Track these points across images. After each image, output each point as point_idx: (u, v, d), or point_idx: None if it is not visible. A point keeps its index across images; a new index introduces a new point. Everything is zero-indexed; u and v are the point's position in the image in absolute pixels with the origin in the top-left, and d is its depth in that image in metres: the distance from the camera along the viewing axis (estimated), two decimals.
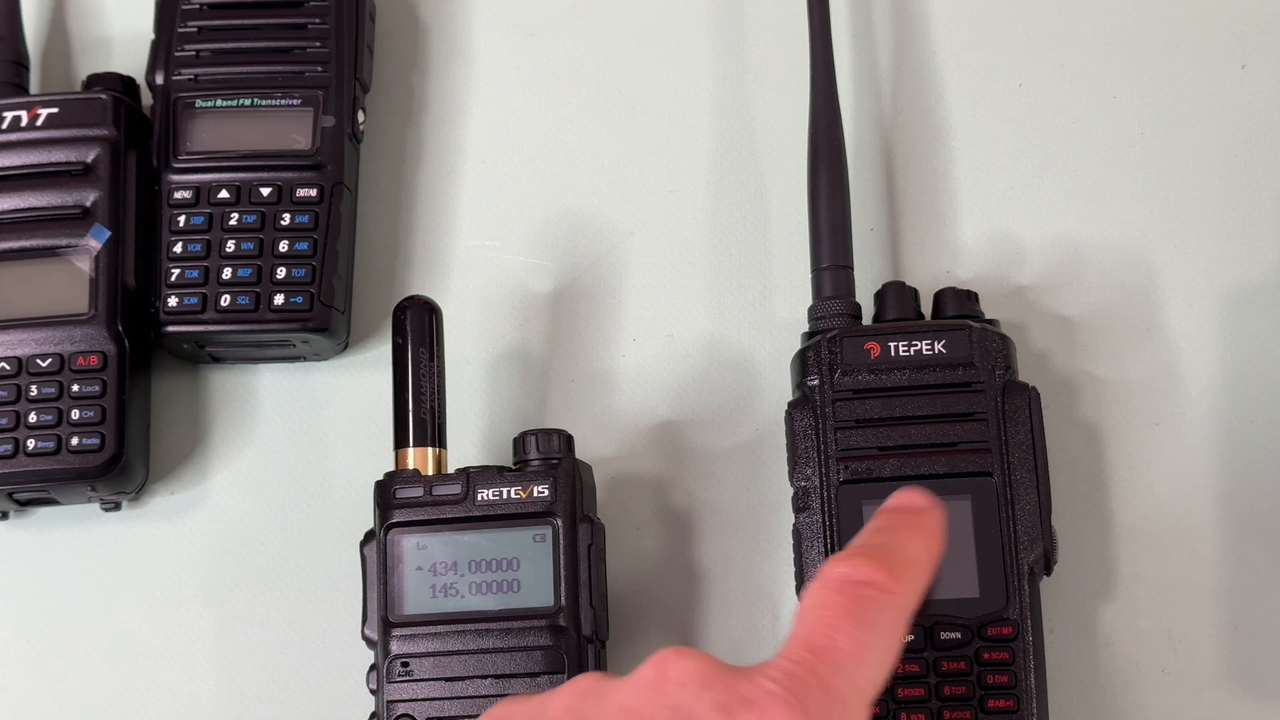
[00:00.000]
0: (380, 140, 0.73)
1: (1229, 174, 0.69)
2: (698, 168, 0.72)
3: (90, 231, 0.67)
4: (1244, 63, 0.70)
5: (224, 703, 0.67)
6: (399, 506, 0.62)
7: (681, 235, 0.71)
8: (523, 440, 0.63)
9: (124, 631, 0.68)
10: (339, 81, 0.70)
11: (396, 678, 0.60)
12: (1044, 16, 0.72)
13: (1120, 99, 0.71)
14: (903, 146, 0.71)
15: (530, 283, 0.71)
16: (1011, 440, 0.59)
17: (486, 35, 0.75)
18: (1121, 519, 0.65)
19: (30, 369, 0.66)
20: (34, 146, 0.68)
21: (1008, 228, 0.69)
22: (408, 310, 0.65)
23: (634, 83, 0.73)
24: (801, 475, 0.60)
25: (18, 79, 0.72)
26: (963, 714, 0.57)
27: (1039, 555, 0.59)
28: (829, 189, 0.65)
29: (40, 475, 0.66)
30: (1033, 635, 0.58)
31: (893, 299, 0.64)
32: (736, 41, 0.73)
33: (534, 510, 0.61)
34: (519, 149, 0.73)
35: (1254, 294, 0.67)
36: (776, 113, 0.72)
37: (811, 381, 0.61)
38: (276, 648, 0.67)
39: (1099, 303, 0.68)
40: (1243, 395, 0.66)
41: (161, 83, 0.70)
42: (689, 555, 0.67)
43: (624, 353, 0.70)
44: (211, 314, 0.67)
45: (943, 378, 0.60)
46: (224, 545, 0.69)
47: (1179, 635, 0.64)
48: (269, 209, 0.68)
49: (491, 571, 0.61)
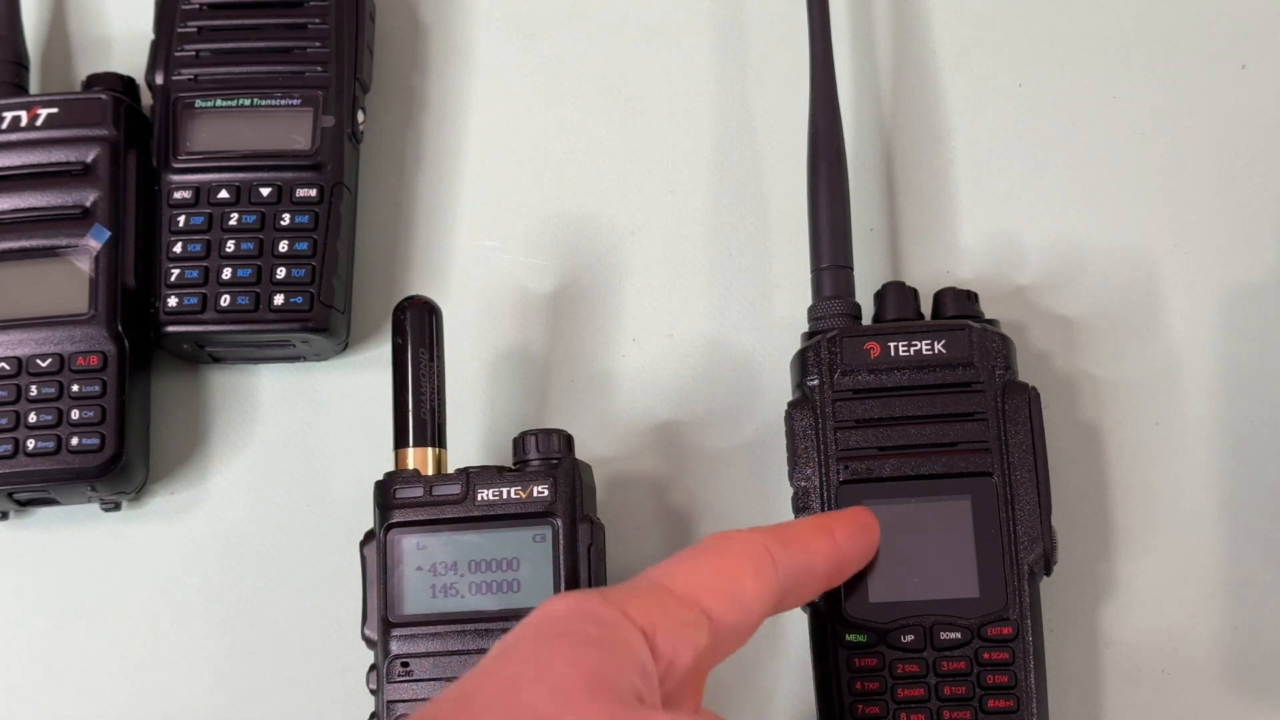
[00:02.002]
0: (380, 140, 0.73)
1: (1229, 174, 0.69)
2: (698, 168, 0.72)
3: (90, 231, 0.67)
4: (1244, 63, 0.70)
5: (224, 703, 0.67)
6: (399, 506, 0.61)
7: (681, 235, 0.71)
8: (522, 440, 0.63)
9: (124, 631, 0.68)
10: (339, 81, 0.70)
11: (396, 678, 0.60)
12: (1044, 16, 0.72)
13: (1120, 99, 0.71)
14: (903, 147, 0.71)
15: (530, 283, 0.71)
16: (1011, 440, 0.59)
17: (486, 35, 0.75)
18: (1121, 519, 0.65)
19: (30, 369, 0.66)
20: (34, 146, 0.68)
21: (1008, 228, 0.69)
22: (408, 310, 0.64)
23: (634, 83, 0.73)
24: (801, 475, 0.60)
25: (18, 79, 0.72)
26: (963, 714, 0.57)
27: (1039, 555, 0.59)
28: (829, 189, 0.65)
29: (40, 475, 0.66)
30: (1033, 635, 0.58)
31: (893, 299, 0.64)
32: (736, 41, 0.73)
33: (534, 510, 0.61)
34: (519, 149, 0.73)
35: (1254, 294, 0.67)
36: (776, 113, 0.72)
37: (811, 381, 0.61)
38: (276, 648, 0.67)
39: (1099, 303, 0.68)
40: (1243, 395, 0.66)
41: (161, 83, 0.70)
42: None
43: (624, 353, 0.70)
44: (211, 314, 0.67)
45: (943, 378, 0.60)
46: (224, 545, 0.69)
47: (1179, 635, 0.64)
48: (269, 209, 0.68)
49: (491, 571, 0.61)
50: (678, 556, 0.52)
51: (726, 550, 0.53)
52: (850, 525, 0.57)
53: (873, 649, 0.58)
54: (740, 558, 0.52)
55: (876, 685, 0.58)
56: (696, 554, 0.52)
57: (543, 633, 0.47)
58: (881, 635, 0.58)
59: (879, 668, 0.58)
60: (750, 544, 0.53)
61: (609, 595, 0.49)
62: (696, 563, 0.52)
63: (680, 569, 0.51)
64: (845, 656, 0.58)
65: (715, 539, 0.53)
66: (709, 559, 0.52)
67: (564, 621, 0.48)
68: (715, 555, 0.52)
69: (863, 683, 0.58)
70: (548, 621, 0.48)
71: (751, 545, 0.53)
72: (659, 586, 0.50)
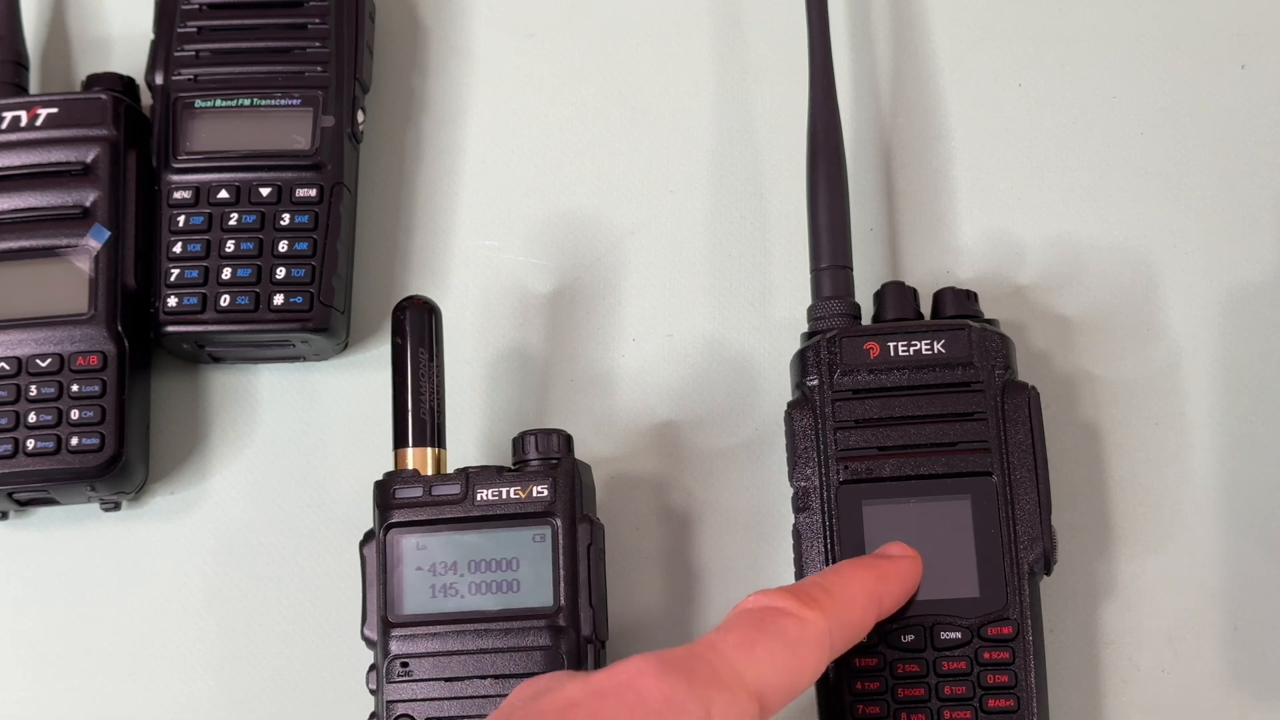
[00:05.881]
0: (380, 140, 0.73)
1: (1229, 174, 0.69)
2: (698, 168, 0.72)
3: (90, 231, 0.67)
4: (1244, 63, 0.70)
5: (224, 702, 0.67)
6: (398, 506, 0.61)
7: (681, 235, 0.71)
8: (522, 440, 0.63)
9: (124, 631, 0.68)
10: (339, 81, 0.70)
11: (396, 678, 0.60)
12: (1044, 16, 0.72)
13: (1120, 99, 0.71)
14: (902, 147, 0.71)
15: (530, 283, 0.71)
16: (1011, 440, 0.59)
17: (486, 35, 0.75)
18: (1121, 519, 0.65)
19: (30, 369, 0.66)
20: (34, 146, 0.68)
21: (1007, 228, 0.69)
22: (407, 310, 0.64)
23: (634, 83, 0.73)
24: (801, 475, 0.60)
25: (18, 79, 0.72)
26: (963, 714, 0.57)
27: (1039, 555, 0.59)
28: (828, 189, 0.65)
29: (40, 475, 0.66)
30: (1033, 635, 0.58)
31: (892, 299, 0.64)
32: (736, 42, 0.73)
33: (533, 510, 0.61)
34: (519, 149, 0.73)
35: (1254, 294, 0.67)
36: (776, 113, 0.72)
37: (811, 381, 0.61)
38: (276, 648, 0.67)
39: (1098, 302, 0.68)
40: (1243, 395, 0.66)
41: (161, 83, 0.70)
42: (689, 555, 0.67)
43: (624, 353, 0.70)
44: (211, 314, 0.67)
45: (942, 377, 0.60)
46: (224, 545, 0.69)
47: (1179, 635, 0.64)
48: (269, 209, 0.68)
49: (491, 571, 0.61)
50: (755, 639, 0.51)
51: (800, 645, 0.52)
52: (903, 592, 0.58)
53: (873, 649, 0.58)
54: (810, 656, 0.52)
55: (877, 685, 0.58)
56: (775, 643, 0.52)
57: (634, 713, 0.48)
58: (882, 635, 0.58)
59: (879, 668, 0.58)
60: (820, 639, 0.53)
61: (695, 682, 0.49)
62: (775, 656, 0.51)
63: (756, 659, 0.51)
64: (846, 656, 0.58)
65: (791, 625, 0.52)
66: (783, 653, 0.52)
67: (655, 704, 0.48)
68: (789, 650, 0.52)
69: (863, 683, 0.58)
70: (636, 700, 0.48)
71: (821, 640, 0.53)
72: (738, 679, 0.50)
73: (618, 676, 0.49)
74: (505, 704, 0.50)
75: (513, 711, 0.49)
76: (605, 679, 0.49)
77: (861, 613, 0.55)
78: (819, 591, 0.54)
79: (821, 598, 0.54)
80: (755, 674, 0.50)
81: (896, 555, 0.58)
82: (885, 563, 0.57)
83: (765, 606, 0.53)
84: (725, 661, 0.50)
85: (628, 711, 0.48)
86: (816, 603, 0.53)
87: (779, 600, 0.53)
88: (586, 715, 0.48)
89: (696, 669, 0.49)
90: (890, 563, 0.57)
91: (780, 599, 0.53)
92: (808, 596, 0.53)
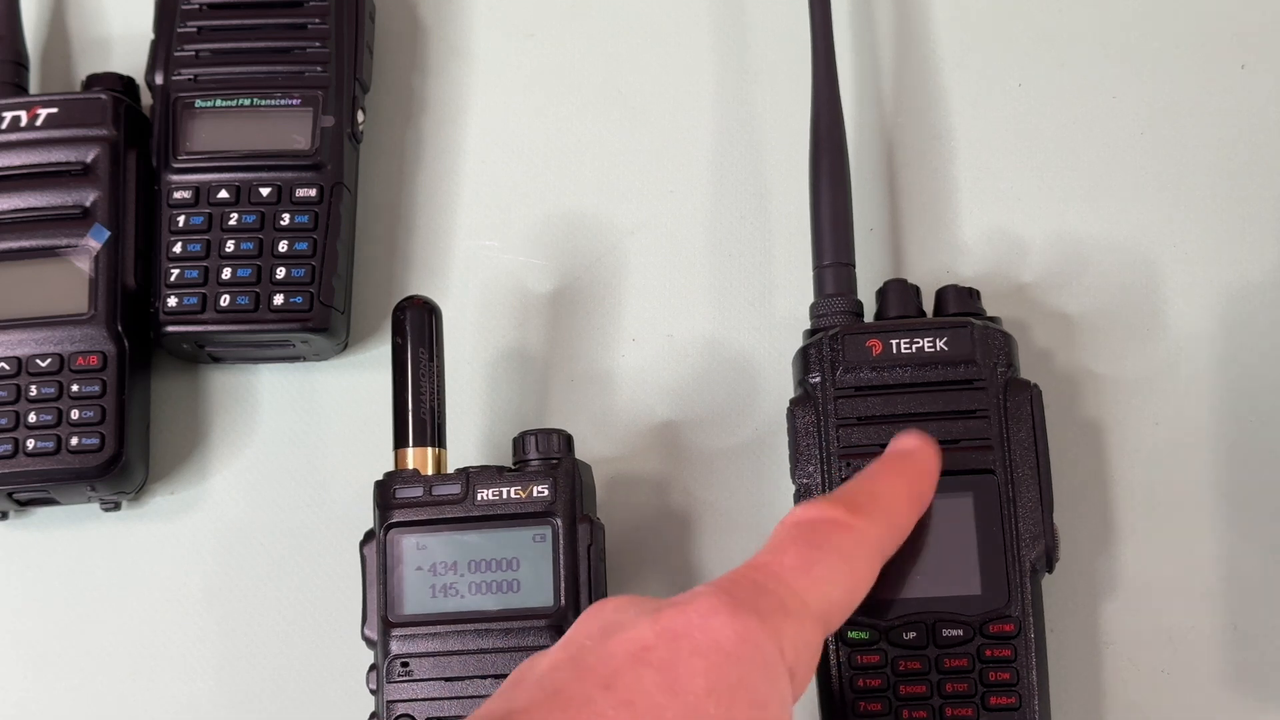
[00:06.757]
0: (380, 140, 0.73)
1: (1229, 174, 0.69)
2: (698, 168, 0.72)
3: (90, 231, 0.67)
4: (1244, 63, 0.71)
5: (224, 702, 0.67)
6: (399, 506, 0.61)
7: (681, 235, 0.71)
8: (522, 440, 0.63)
9: (124, 631, 0.68)
10: (339, 81, 0.70)
11: (396, 678, 0.60)
12: (1044, 16, 0.72)
13: (1120, 99, 0.71)
14: (904, 145, 0.71)
15: (530, 283, 0.71)
16: (1013, 437, 0.59)
17: (486, 35, 0.75)
18: (1121, 518, 0.65)
19: (30, 369, 0.66)
20: (34, 146, 0.68)
21: (1009, 226, 0.69)
22: (407, 310, 0.64)
23: (634, 83, 0.73)
24: (803, 473, 0.60)
25: (18, 79, 0.72)
26: (965, 711, 0.57)
27: (1041, 552, 0.59)
28: (831, 184, 0.65)
29: (40, 475, 0.66)
30: (1035, 632, 0.58)
31: (894, 296, 0.64)
32: (736, 41, 0.73)
33: (534, 510, 0.61)
34: (519, 149, 0.73)
35: (1254, 293, 0.67)
36: (777, 112, 0.72)
37: (813, 379, 0.61)
38: (276, 648, 0.67)
39: (1100, 301, 0.68)
40: (1243, 394, 0.66)
41: (161, 83, 0.70)
42: (689, 555, 0.67)
43: (624, 353, 0.69)
44: (211, 314, 0.67)
45: (944, 375, 0.60)
46: (224, 545, 0.69)
47: (1179, 635, 0.64)
48: (268, 209, 0.68)
49: (491, 571, 0.61)
50: (813, 558, 0.51)
51: (856, 557, 0.52)
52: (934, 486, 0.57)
53: (875, 646, 0.58)
54: (866, 566, 0.52)
55: (879, 682, 0.58)
56: (833, 559, 0.51)
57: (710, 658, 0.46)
58: (884, 632, 0.58)
59: (881, 665, 0.58)
60: (875, 546, 0.53)
61: (765, 618, 0.48)
62: (834, 573, 0.51)
63: (818, 580, 0.50)
64: (847, 653, 0.58)
65: (846, 538, 0.52)
66: (842, 568, 0.51)
67: (730, 646, 0.47)
68: (847, 564, 0.52)
69: (865, 680, 0.58)
70: (711, 644, 0.47)
71: (875, 548, 0.53)
72: (804, 606, 0.49)
73: (690, 616, 0.47)
74: (569, 638, 0.48)
75: (582, 652, 0.47)
76: (677, 618, 0.47)
77: (907, 515, 0.55)
78: (866, 499, 0.53)
79: (869, 504, 0.53)
80: (818, 596, 0.50)
81: (916, 448, 0.57)
82: (914, 460, 0.57)
83: (816, 518, 0.52)
84: (789, 589, 0.49)
85: (703, 657, 0.46)
86: (865, 511, 0.53)
87: (830, 510, 0.52)
88: (662, 664, 0.46)
89: (763, 603, 0.48)
90: (919, 460, 0.57)
91: (831, 509, 0.52)
92: (856, 505, 0.53)
